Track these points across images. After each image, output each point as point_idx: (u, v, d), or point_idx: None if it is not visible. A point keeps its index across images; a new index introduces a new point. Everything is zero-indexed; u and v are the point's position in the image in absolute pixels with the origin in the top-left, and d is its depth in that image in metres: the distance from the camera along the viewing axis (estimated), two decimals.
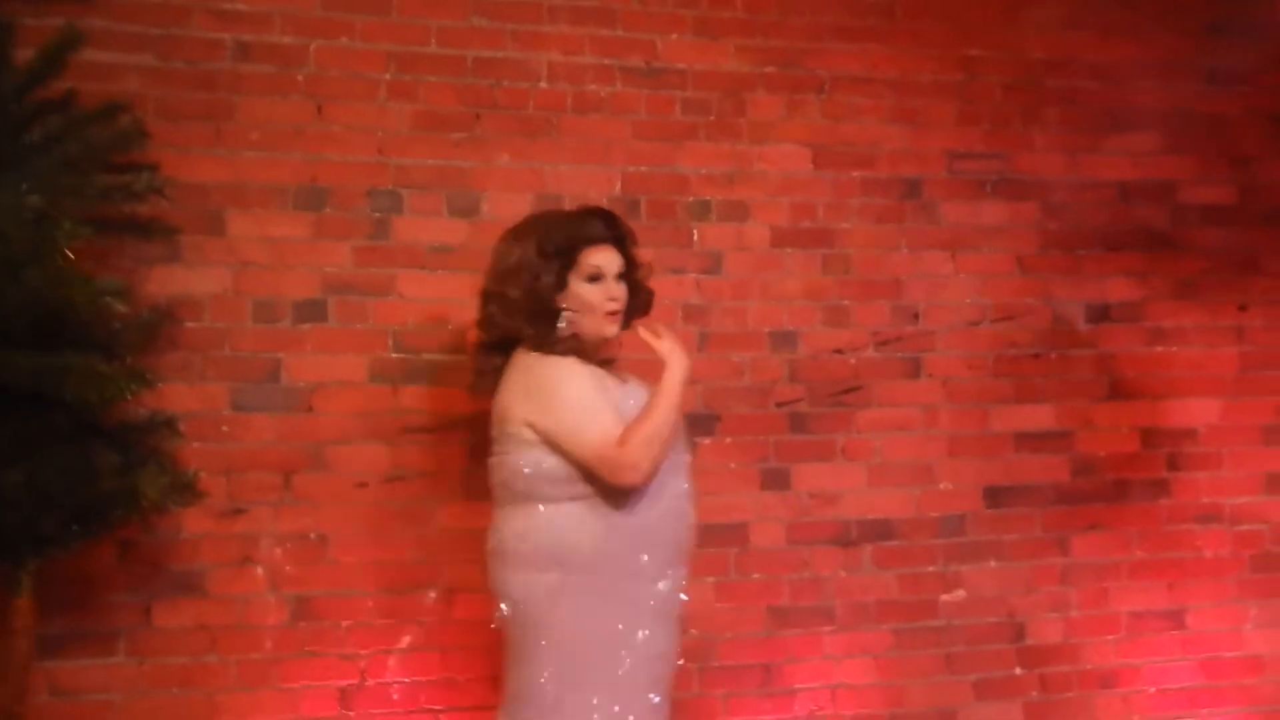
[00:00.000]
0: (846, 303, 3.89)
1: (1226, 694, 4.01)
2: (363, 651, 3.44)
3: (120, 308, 3.00)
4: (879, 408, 3.87)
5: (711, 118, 3.86)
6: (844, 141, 3.97)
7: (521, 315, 2.98)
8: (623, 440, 2.82)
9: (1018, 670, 3.86)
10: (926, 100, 4.04)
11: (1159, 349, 4.14)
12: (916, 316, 3.95)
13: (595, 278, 2.99)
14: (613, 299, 3.00)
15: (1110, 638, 3.96)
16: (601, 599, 2.86)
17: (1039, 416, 3.99)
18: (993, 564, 3.92)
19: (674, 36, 3.86)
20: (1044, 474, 3.99)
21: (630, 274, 3.07)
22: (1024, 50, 4.14)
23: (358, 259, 3.57)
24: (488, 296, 3.06)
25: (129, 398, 2.99)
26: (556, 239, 2.99)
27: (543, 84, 3.75)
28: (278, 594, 3.40)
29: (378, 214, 3.60)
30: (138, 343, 3.16)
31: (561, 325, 2.97)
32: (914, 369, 3.94)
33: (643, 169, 3.80)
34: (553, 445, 2.87)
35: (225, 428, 3.43)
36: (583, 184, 3.74)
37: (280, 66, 3.56)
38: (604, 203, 3.72)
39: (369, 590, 3.46)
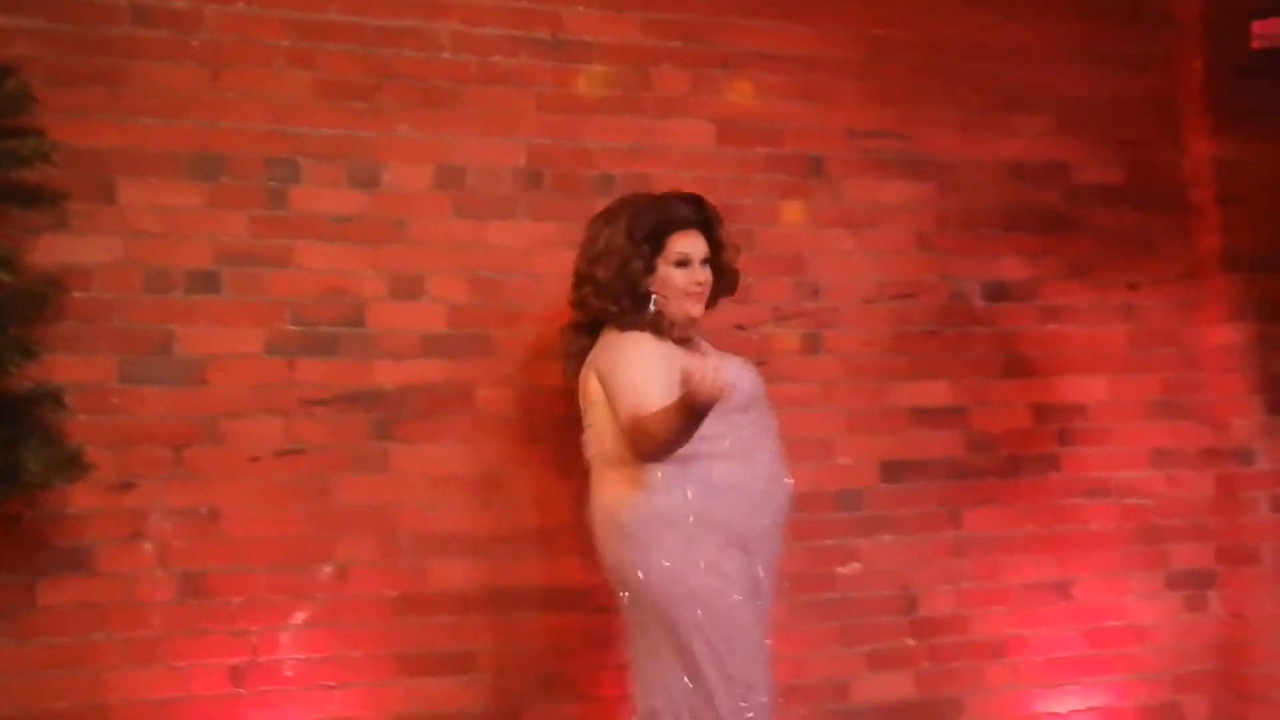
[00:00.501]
0: (749, 278, 3.85)
1: (1110, 662, 4.11)
2: (254, 628, 3.37)
3: (4, 277, 2.92)
4: (779, 383, 3.85)
5: (617, 91, 3.83)
6: (748, 117, 3.96)
7: (611, 297, 3.13)
8: (638, 418, 2.94)
9: (910, 641, 3.91)
10: (831, 78, 4.05)
11: (1052, 327, 4.21)
12: (817, 293, 3.97)
13: (682, 263, 3.15)
14: (698, 283, 3.16)
15: (1000, 609, 4.03)
16: (715, 560, 2.97)
17: (935, 393, 4.03)
18: (888, 538, 3.96)
19: (580, 9, 3.81)
20: (939, 449, 4.03)
21: (716, 256, 3.22)
22: (927, 31, 4.17)
23: (254, 229, 3.49)
24: (580, 279, 3.21)
25: (13, 370, 2.92)
26: (645, 224, 3.14)
27: (445, 54, 3.68)
28: (167, 570, 3.31)
29: (275, 183, 3.51)
30: (23, 313, 3.05)
31: (651, 308, 3.13)
32: (814, 345, 3.96)
33: (547, 142, 3.75)
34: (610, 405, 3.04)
35: (114, 400, 3.33)
36: (486, 156, 3.69)
37: (175, 31, 3.45)
38: (507, 176, 3.71)
39: (262, 566, 3.39)
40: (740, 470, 3.05)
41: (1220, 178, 4.32)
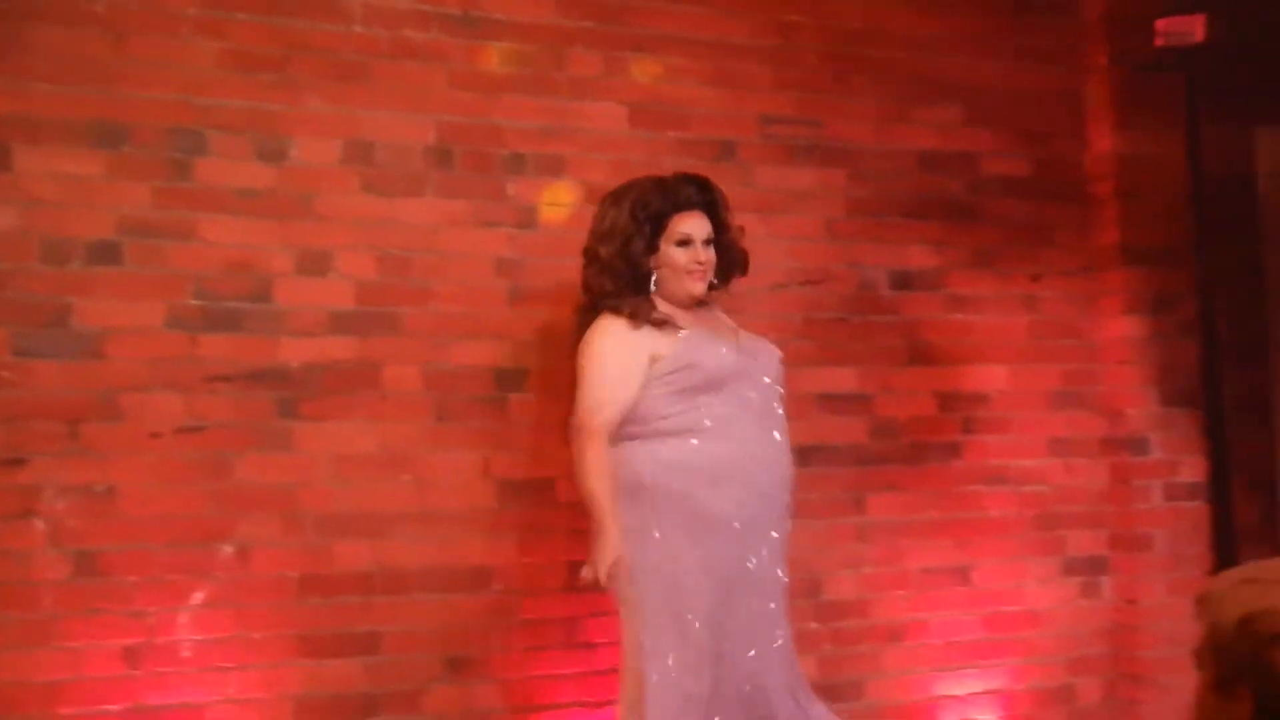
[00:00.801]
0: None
1: (1006, 646, 4.20)
2: (151, 609, 3.30)
3: None
4: None
5: (529, 71, 3.81)
6: (660, 101, 3.96)
7: (611, 275, 3.25)
8: (584, 423, 3.19)
9: (813, 625, 3.94)
10: (743, 63, 4.06)
11: (957, 316, 4.27)
12: None
13: (684, 242, 3.27)
14: (699, 262, 3.28)
15: (901, 593, 4.09)
16: (669, 535, 3.14)
17: (842, 379, 4.08)
18: (793, 522, 3.98)
19: None
20: (845, 435, 4.08)
21: (721, 237, 3.33)
22: (839, 18, 4.19)
23: (157, 200, 3.41)
24: (586, 258, 3.33)
25: None
26: (649, 205, 3.27)
27: (357, 27, 3.63)
28: (60, 549, 3.23)
29: (180, 155, 3.44)
30: None
31: (652, 287, 3.26)
32: None
33: (458, 119, 3.72)
34: None
35: (7, 373, 3.24)
36: (397, 132, 3.65)
37: None
38: (417, 152, 3.67)
39: (160, 545, 3.32)
40: (704, 448, 3.17)
41: (1121, 173, 4.41)
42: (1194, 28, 3.89)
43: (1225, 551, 4.26)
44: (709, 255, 3.32)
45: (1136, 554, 4.33)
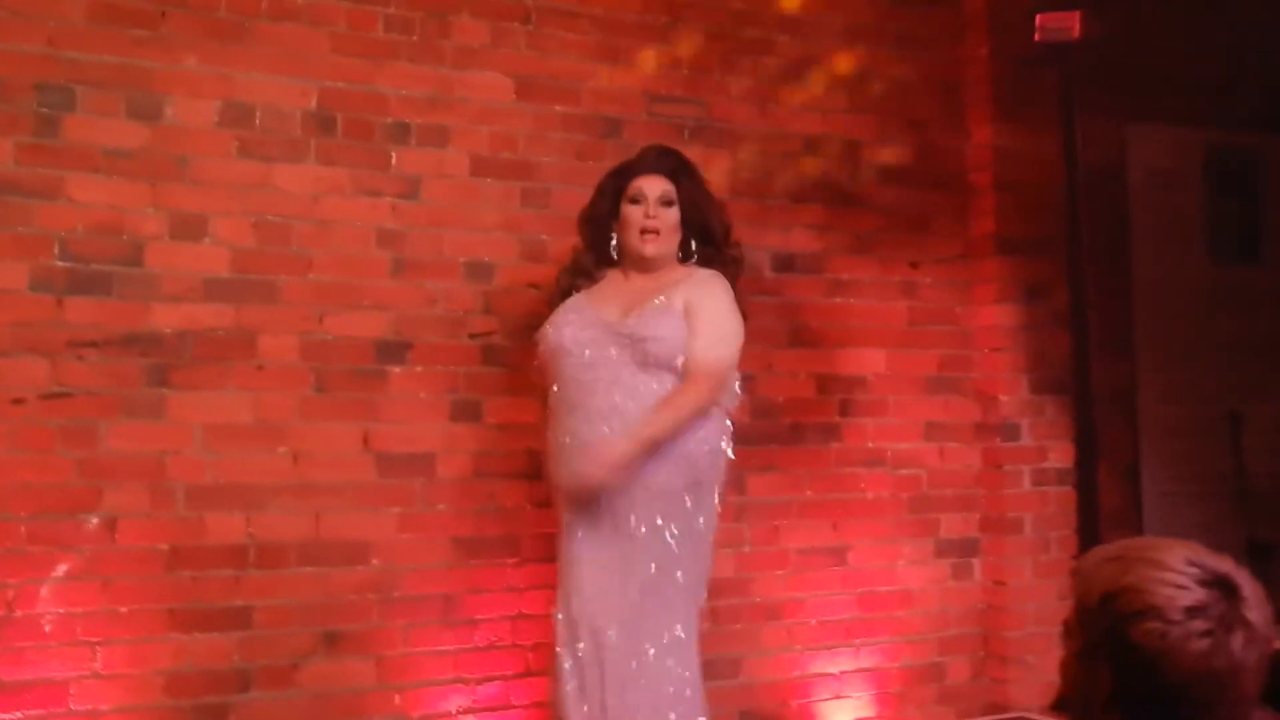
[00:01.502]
0: (544, 237, 3.89)
1: (880, 625, 4.29)
2: (12, 580, 3.20)
3: None
4: None
5: (414, 38, 3.78)
6: (548, 74, 3.96)
7: (583, 237, 3.51)
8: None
9: None
10: (630, 40, 4.09)
11: (837, 300, 4.35)
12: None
13: (635, 200, 3.40)
14: (649, 217, 3.39)
15: (779, 573, 4.16)
16: None
17: None
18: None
19: None
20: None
21: (687, 203, 3.44)
22: None
23: (20, 157, 3.31)
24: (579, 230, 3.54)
25: None
26: (616, 172, 3.49)
27: None
28: None
29: (46, 110, 3.34)
30: None
31: (611, 250, 3.45)
32: None
33: (340, 85, 3.68)
34: None
35: None
36: (276, 94, 3.60)
37: None
38: (298, 117, 3.61)
39: (22, 514, 3.23)
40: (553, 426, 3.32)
41: (998, 163, 4.54)
42: (1071, 24, 4.01)
43: (1090, 535, 4.40)
44: (663, 214, 3.41)
45: (1006, 537, 4.46)
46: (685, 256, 3.47)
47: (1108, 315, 4.43)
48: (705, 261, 3.47)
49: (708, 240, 3.49)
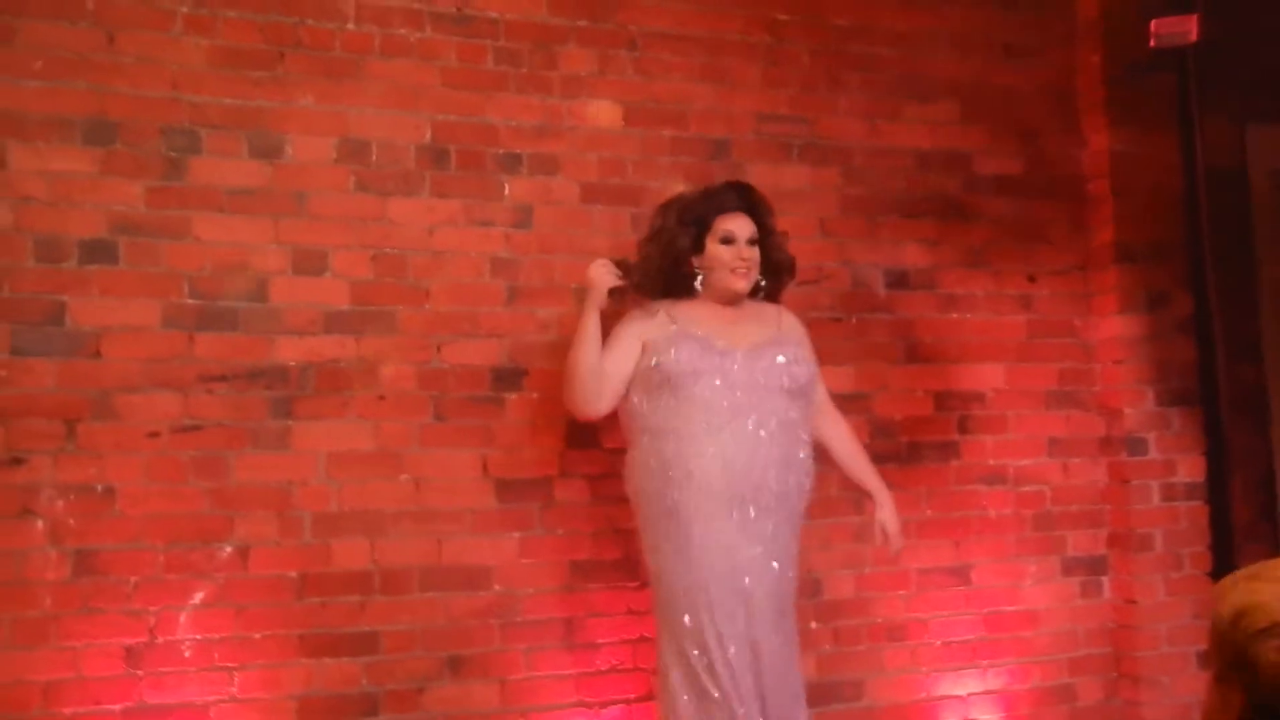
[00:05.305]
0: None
1: (1005, 646, 4.38)
2: (152, 608, 3.45)
3: None
4: None
5: (523, 69, 3.99)
6: (654, 99, 4.14)
7: (659, 273, 3.65)
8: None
9: (813, 624, 4.11)
10: (735, 60, 4.26)
11: (952, 315, 4.46)
12: None
13: (727, 240, 3.63)
14: (742, 259, 3.63)
15: (900, 593, 4.27)
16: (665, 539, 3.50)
17: (839, 378, 4.22)
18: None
19: None
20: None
21: (765, 240, 3.69)
22: (828, 15, 4.39)
23: (150, 199, 3.57)
24: (640, 260, 3.70)
25: None
26: (694, 208, 3.67)
27: (350, 25, 3.80)
28: (59, 548, 3.38)
29: (173, 153, 3.60)
30: None
31: (696, 284, 3.64)
32: None
33: (452, 118, 3.89)
34: None
35: (3, 372, 3.39)
36: (390, 130, 3.82)
37: None
38: (411, 151, 3.84)
39: (159, 544, 3.48)
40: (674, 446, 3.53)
41: (1115, 171, 4.61)
42: (1188, 27, 4.08)
43: (1224, 550, 4.46)
44: (752, 253, 3.65)
45: (1135, 554, 4.51)
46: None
47: (1233, 321, 4.46)
48: (768, 294, 3.77)
49: (776, 274, 3.76)
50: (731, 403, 3.50)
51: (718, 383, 3.51)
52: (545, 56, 4.02)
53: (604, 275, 3.64)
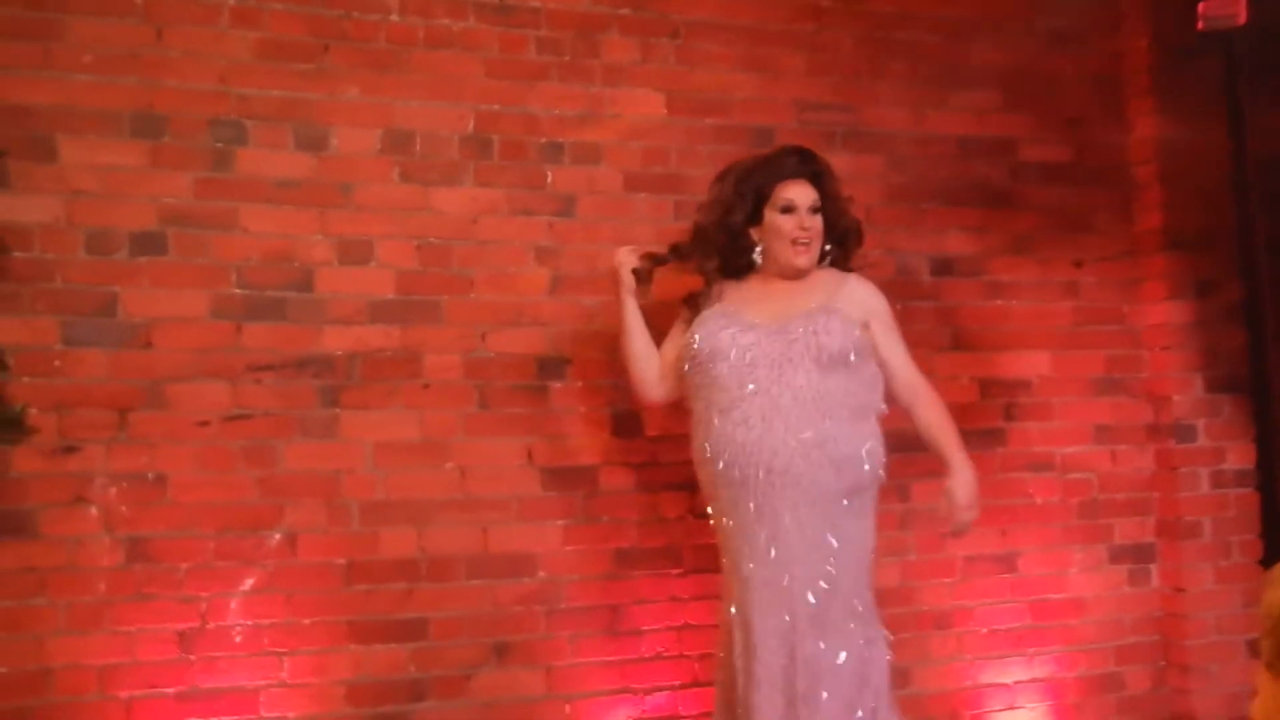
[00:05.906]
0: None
1: (1051, 634, 4.38)
2: (203, 594, 3.52)
3: None
4: None
5: (565, 58, 4.02)
6: (696, 88, 4.16)
7: (714, 246, 3.50)
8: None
9: None
10: (778, 49, 4.27)
11: (998, 302, 4.46)
12: None
13: (788, 209, 3.45)
14: (803, 228, 3.45)
15: (946, 581, 4.28)
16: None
17: None
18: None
19: None
20: (887, 423, 4.19)
21: (830, 206, 3.50)
22: (870, 2, 4.39)
23: (198, 190, 3.63)
24: (694, 232, 3.57)
25: None
26: (753, 176, 3.49)
27: (394, 17, 3.85)
28: (112, 535, 3.46)
29: (220, 144, 3.66)
30: None
31: (755, 256, 3.48)
32: None
33: (495, 108, 3.93)
34: None
35: (57, 363, 3.46)
36: (434, 121, 3.86)
37: None
38: (455, 141, 3.89)
39: (209, 532, 3.54)
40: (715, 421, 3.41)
41: (1162, 157, 4.59)
42: (1236, 10, 4.07)
43: (1275, 538, 4.46)
44: (814, 223, 3.48)
45: (1184, 541, 4.50)
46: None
47: None
48: (835, 262, 3.59)
49: (842, 241, 3.60)
50: (744, 381, 3.37)
51: (735, 361, 3.39)
52: (587, 45, 4.05)
53: (624, 258, 3.55)
